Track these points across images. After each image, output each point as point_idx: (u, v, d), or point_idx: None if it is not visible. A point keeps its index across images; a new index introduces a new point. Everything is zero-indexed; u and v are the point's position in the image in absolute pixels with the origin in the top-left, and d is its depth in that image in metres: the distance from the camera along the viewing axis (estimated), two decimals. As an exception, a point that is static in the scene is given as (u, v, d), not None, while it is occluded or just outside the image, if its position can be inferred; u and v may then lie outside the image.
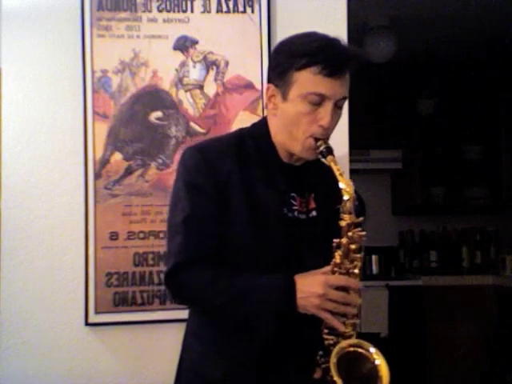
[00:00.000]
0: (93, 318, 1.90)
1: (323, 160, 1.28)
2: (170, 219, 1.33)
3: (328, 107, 1.25)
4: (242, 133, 1.40)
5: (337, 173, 1.23)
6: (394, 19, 3.64)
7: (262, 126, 1.38)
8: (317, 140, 1.27)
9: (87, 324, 1.90)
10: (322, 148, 1.26)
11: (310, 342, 1.28)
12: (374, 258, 4.17)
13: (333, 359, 1.19)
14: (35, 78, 1.94)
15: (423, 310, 3.90)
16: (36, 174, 1.93)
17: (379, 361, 1.22)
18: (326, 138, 1.28)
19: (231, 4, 2.01)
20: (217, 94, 2.00)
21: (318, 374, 1.26)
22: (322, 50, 1.23)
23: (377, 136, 4.27)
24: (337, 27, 2.03)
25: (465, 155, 4.41)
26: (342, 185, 1.22)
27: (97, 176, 1.93)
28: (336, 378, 1.17)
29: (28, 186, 1.92)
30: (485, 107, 4.36)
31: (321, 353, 1.26)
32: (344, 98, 1.29)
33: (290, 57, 1.26)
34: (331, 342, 1.25)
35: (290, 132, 1.29)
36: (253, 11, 2.02)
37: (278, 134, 1.33)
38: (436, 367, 3.87)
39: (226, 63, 2.00)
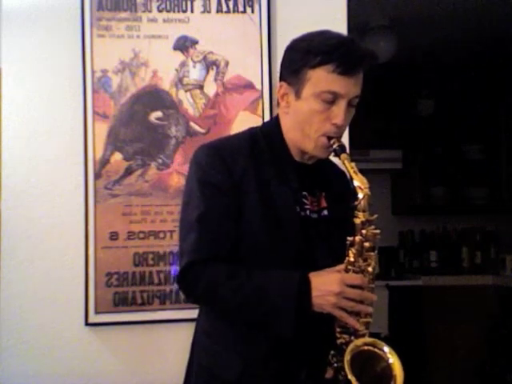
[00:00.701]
0: (93, 318, 1.90)
1: (336, 158, 1.27)
2: (183, 218, 1.32)
3: (341, 105, 1.25)
4: (253, 131, 1.39)
5: (351, 171, 1.22)
6: (394, 19, 3.64)
7: (273, 125, 1.37)
8: (330, 138, 1.26)
9: (87, 324, 1.90)
10: (335, 146, 1.25)
11: (323, 342, 1.27)
12: (374, 257, 4.16)
13: (347, 357, 1.18)
14: (35, 78, 1.95)
15: (423, 310, 3.90)
16: (36, 174, 1.93)
17: (393, 360, 1.21)
18: (339, 137, 1.27)
19: (231, 4, 2.01)
20: (217, 94, 2.00)
21: (329, 374, 1.25)
22: (336, 48, 1.22)
23: (377, 136, 4.27)
24: (337, 27, 1.99)
25: (465, 155, 4.41)
26: (356, 182, 1.22)
27: (97, 176, 1.93)
28: (350, 376, 1.16)
29: (28, 186, 1.92)
30: (485, 107, 4.36)
31: (333, 352, 1.25)
32: (357, 97, 1.28)
33: (304, 55, 1.25)
34: (344, 341, 1.24)
35: (303, 130, 1.28)
36: (253, 11, 2.02)
37: (291, 132, 1.33)
38: (436, 367, 3.87)
39: (226, 63, 2.00)
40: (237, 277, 1.23)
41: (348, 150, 2.00)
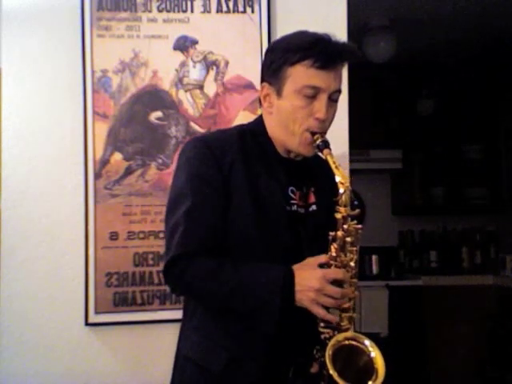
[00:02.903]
0: (93, 318, 1.90)
1: (320, 154, 1.29)
2: (170, 211, 1.32)
3: (323, 100, 1.27)
4: (242, 128, 1.42)
5: (333, 166, 1.24)
6: (394, 19, 3.64)
7: (258, 124, 1.40)
8: (313, 134, 1.28)
9: (87, 324, 1.91)
10: (318, 142, 1.27)
11: (309, 335, 1.28)
12: (374, 258, 4.17)
13: (328, 351, 1.19)
14: (35, 78, 1.94)
15: (423, 309, 3.90)
16: (36, 174, 1.93)
17: (374, 353, 1.22)
18: (322, 132, 1.29)
19: (231, 4, 2.01)
20: (217, 94, 2.00)
21: (314, 369, 1.26)
22: (314, 44, 1.26)
23: (377, 136, 4.27)
24: (337, 27, 2.03)
25: (465, 155, 4.41)
26: (337, 178, 1.24)
27: (97, 176, 1.93)
28: (331, 371, 1.16)
29: (28, 186, 1.92)
30: (485, 107, 4.36)
31: (318, 347, 1.26)
32: (338, 91, 1.31)
33: (282, 53, 1.28)
34: (327, 335, 1.25)
35: (287, 127, 1.30)
36: (253, 11, 2.02)
37: (275, 131, 1.35)
38: (436, 367, 3.87)
39: (226, 63, 2.00)
40: (223, 270, 1.24)
41: (348, 150, 2.02)
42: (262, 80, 1.35)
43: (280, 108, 1.31)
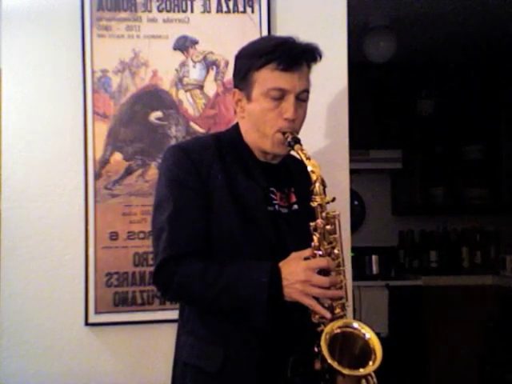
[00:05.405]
0: (93, 318, 1.90)
1: (292, 151, 1.33)
2: (155, 220, 1.35)
3: (290, 100, 1.32)
4: (218, 135, 1.47)
5: (303, 157, 1.29)
6: (394, 19, 3.64)
7: (234, 131, 1.44)
8: (284, 133, 1.32)
9: (87, 324, 1.91)
10: (289, 139, 1.32)
11: (304, 332, 1.28)
12: (374, 257, 4.17)
13: (323, 343, 1.19)
14: (35, 78, 1.94)
15: (423, 309, 3.90)
16: (36, 174, 1.93)
17: (368, 334, 1.23)
18: (293, 131, 1.33)
19: (231, 4, 2.01)
20: (217, 94, 2.00)
21: (318, 365, 1.26)
22: (276, 47, 1.31)
23: (377, 136, 4.27)
24: (337, 27, 2.03)
25: (465, 155, 4.41)
26: (309, 167, 1.28)
27: (97, 176, 1.93)
28: (330, 361, 1.17)
29: (28, 186, 1.92)
30: (485, 107, 4.36)
31: (317, 342, 1.25)
32: (305, 91, 1.35)
33: (248, 59, 1.34)
34: (324, 327, 1.25)
35: (259, 130, 1.35)
36: (253, 11, 2.02)
37: (249, 134, 1.39)
38: (436, 367, 3.87)
39: (226, 63, 2.00)
40: (210, 272, 1.26)
41: (348, 150, 2.02)
42: (234, 86, 1.41)
43: (251, 112, 1.36)
